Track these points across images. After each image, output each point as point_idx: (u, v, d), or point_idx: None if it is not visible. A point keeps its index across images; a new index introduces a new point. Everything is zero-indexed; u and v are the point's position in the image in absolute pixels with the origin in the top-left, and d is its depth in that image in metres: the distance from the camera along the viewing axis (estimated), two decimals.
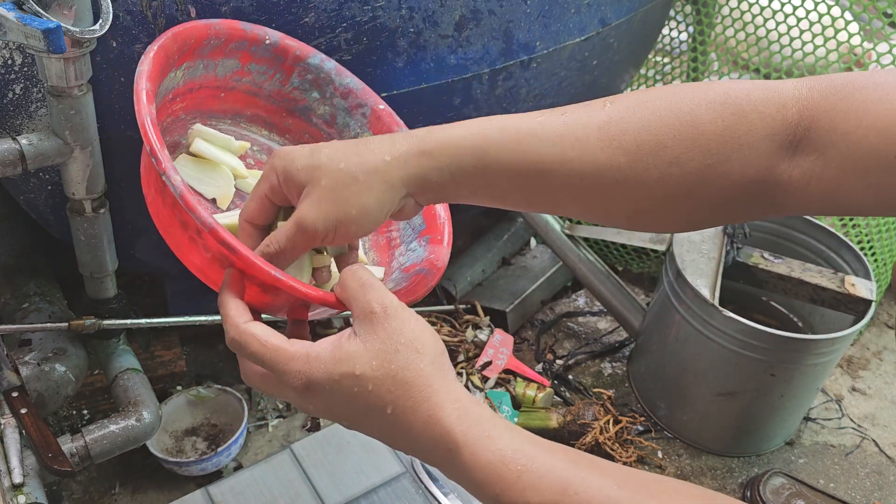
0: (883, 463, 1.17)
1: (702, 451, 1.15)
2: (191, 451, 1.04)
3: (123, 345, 0.99)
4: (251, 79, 0.73)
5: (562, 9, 0.97)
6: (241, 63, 0.72)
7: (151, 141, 0.55)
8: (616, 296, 1.24)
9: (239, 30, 0.70)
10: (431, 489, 0.98)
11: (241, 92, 0.74)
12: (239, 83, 0.73)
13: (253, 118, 0.76)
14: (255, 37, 0.71)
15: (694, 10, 1.38)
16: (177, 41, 0.64)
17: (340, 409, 0.51)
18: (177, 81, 0.67)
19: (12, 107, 0.79)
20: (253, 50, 0.71)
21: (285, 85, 0.75)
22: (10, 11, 0.66)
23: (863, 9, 1.20)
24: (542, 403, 1.15)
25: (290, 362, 0.51)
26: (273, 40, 0.72)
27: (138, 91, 0.57)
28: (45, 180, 0.86)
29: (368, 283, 0.52)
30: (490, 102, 0.99)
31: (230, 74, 0.72)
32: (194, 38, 0.66)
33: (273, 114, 0.77)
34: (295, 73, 0.74)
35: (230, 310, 0.54)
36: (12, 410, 0.82)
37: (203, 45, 0.67)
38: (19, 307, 0.94)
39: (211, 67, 0.70)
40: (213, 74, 0.71)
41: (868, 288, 1.07)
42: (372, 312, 0.50)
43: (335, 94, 0.76)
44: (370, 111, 0.76)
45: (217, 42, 0.68)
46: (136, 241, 0.94)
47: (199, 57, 0.68)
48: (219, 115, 0.75)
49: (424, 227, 0.70)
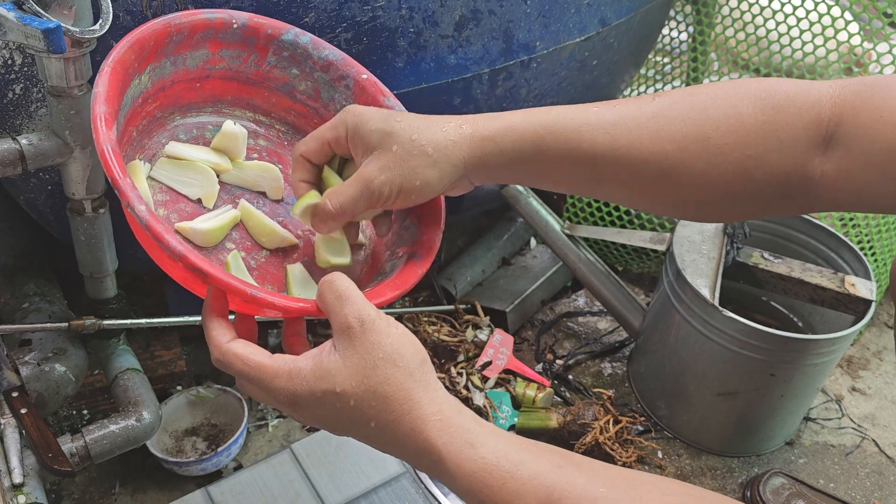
0: (883, 463, 1.17)
1: (702, 451, 1.15)
2: (191, 451, 1.04)
3: (123, 345, 0.99)
4: (225, 65, 0.71)
5: (562, 9, 0.97)
6: (211, 52, 0.69)
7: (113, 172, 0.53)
8: (616, 296, 1.24)
9: (202, 20, 0.67)
10: (431, 489, 0.98)
11: (217, 79, 0.72)
12: (213, 70, 0.71)
13: (234, 102, 0.74)
14: (220, 22, 0.68)
15: (694, 10, 1.38)
16: (134, 49, 0.62)
17: (326, 421, 0.52)
18: (143, 86, 0.66)
19: (12, 107, 0.79)
20: (221, 36, 0.69)
21: (262, 65, 0.72)
22: (10, 11, 0.66)
23: (863, 9, 1.20)
24: (542, 403, 1.15)
25: (273, 380, 0.52)
26: (241, 22, 0.69)
27: (94, 117, 0.55)
28: (45, 180, 0.86)
29: (345, 295, 0.52)
30: (490, 102, 0.99)
31: (201, 64, 0.70)
32: (154, 39, 0.64)
33: (254, 95, 0.75)
34: (270, 52, 0.72)
35: (212, 331, 0.55)
36: (12, 410, 0.82)
37: (165, 45, 0.65)
38: (19, 307, 0.94)
39: (179, 62, 0.68)
40: (184, 68, 0.69)
41: (868, 288, 1.07)
42: (349, 327, 0.50)
43: (315, 69, 0.73)
44: (353, 82, 0.74)
45: (180, 37, 0.66)
46: (136, 241, 0.94)
47: (164, 56, 0.66)
48: (198, 105, 0.73)
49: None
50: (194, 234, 0.65)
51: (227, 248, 0.67)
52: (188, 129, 0.73)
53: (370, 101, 0.73)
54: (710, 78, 1.43)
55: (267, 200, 0.73)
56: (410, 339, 0.52)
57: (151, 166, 0.69)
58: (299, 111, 0.76)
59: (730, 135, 0.57)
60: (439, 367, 1.19)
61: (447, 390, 1.13)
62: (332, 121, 0.64)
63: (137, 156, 0.68)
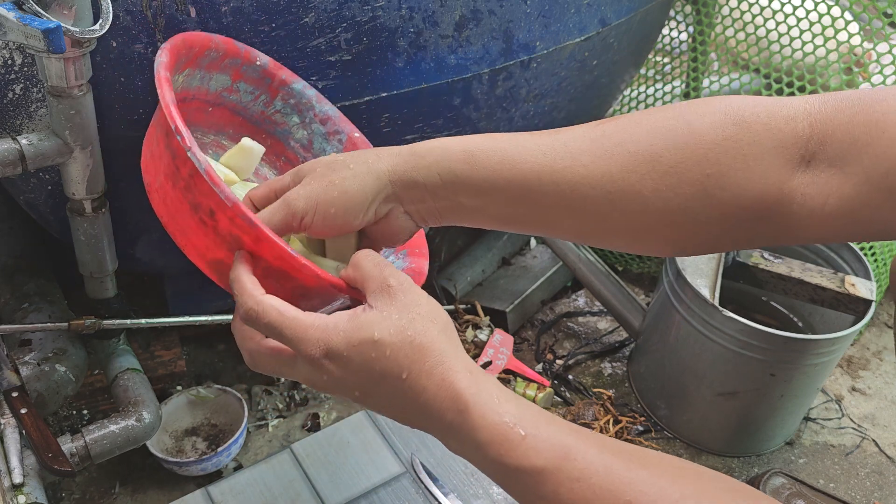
0: (883, 463, 1.17)
1: (702, 451, 1.15)
2: (191, 451, 1.04)
3: (123, 345, 0.99)
4: (238, 97, 0.76)
5: (562, 9, 0.97)
6: (232, 80, 0.74)
7: (176, 121, 0.55)
8: (616, 296, 1.24)
9: (234, 47, 0.72)
10: (432, 489, 0.98)
11: (227, 109, 0.76)
12: (227, 100, 0.76)
13: (234, 136, 0.78)
14: (247, 56, 0.74)
15: (694, 10, 1.38)
16: (185, 44, 0.67)
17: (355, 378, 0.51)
18: (176, 86, 0.68)
19: (12, 107, 0.79)
20: (244, 69, 0.74)
21: (269, 107, 0.77)
22: (10, 11, 0.66)
23: (863, 9, 1.20)
24: (542, 403, 1.15)
25: (308, 330, 0.51)
26: (263, 62, 0.75)
27: (159, 77, 0.59)
28: (45, 180, 0.86)
29: (384, 262, 0.53)
30: (490, 102, 0.99)
31: (220, 90, 0.75)
32: (198, 45, 0.69)
33: (254, 134, 0.79)
34: (279, 95, 0.77)
35: (246, 283, 0.53)
36: (12, 410, 0.82)
37: (204, 55, 0.70)
38: (19, 307, 0.94)
39: (206, 80, 0.72)
40: (206, 87, 0.73)
41: (868, 288, 1.07)
42: (389, 286, 0.51)
43: (314, 120, 0.79)
44: (346, 138, 0.79)
45: (216, 55, 0.71)
46: (136, 241, 0.94)
47: (199, 67, 0.70)
48: (203, 129, 0.76)
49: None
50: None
51: None
52: None
53: None
54: (710, 78, 1.43)
55: None
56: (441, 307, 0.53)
57: None
58: (289, 158, 0.80)
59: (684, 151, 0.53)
60: None
61: None
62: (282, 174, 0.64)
63: None
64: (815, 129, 0.52)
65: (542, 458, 0.47)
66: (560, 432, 0.48)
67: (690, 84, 1.40)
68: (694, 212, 0.54)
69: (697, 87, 1.40)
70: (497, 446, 0.48)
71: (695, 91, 1.40)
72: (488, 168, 0.56)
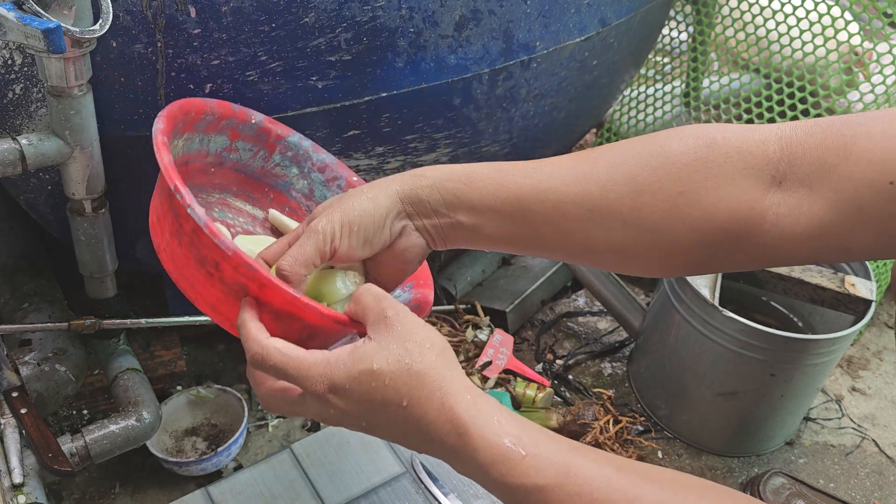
0: (883, 463, 1.17)
1: (702, 451, 1.15)
2: (191, 451, 1.04)
3: (123, 345, 0.99)
4: (238, 156, 0.79)
5: (562, 9, 0.97)
6: (230, 140, 0.77)
7: (175, 181, 0.58)
8: (616, 296, 1.24)
9: (230, 109, 0.76)
10: (431, 489, 0.98)
11: (227, 168, 0.79)
12: (227, 159, 0.79)
13: (238, 193, 0.81)
14: (243, 116, 0.77)
15: (694, 9, 1.38)
16: (182, 110, 0.69)
17: (359, 408, 0.53)
18: (177, 152, 0.71)
19: (12, 107, 0.79)
20: (241, 128, 0.77)
21: (268, 161, 0.81)
22: (10, 11, 0.67)
23: (863, 9, 1.20)
24: (542, 403, 1.15)
25: (311, 367, 0.53)
26: (258, 120, 0.78)
27: (157, 142, 0.62)
28: (45, 180, 0.86)
29: (383, 295, 0.56)
30: (490, 102, 0.99)
31: (220, 150, 0.78)
32: (195, 109, 0.71)
33: (255, 189, 0.82)
34: (277, 150, 0.81)
35: (251, 329, 0.56)
36: (12, 410, 0.83)
37: (201, 119, 0.73)
38: (19, 307, 0.94)
39: (205, 142, 0.76)
40: (206, 149, 0.76)
41: (868, 288, 1.07)
42: (386, 317, 0.54)
43: (313, 169, 0.82)
44: (345, 182, 0.82)
45: (212, 117, 0.74)
46: (136, 241, 0.94)
47: (197, 130, 0.74)
48: (208, 189, 0.79)
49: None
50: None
51: None
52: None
53: None
54: (710, 78, 1.43)
55: None
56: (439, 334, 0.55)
57: None
58: (293, 207, 0.83)
59: (658, 172, 0.56)
60: None
61: None
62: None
63: None
64: (785, 151, 0.54)
65: (542, 476, 0.48)
66: (561, 450, 0.49)
67: (690, 84, 1.40)
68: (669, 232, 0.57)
69: (697, 86, 1.40)
70: (499, 466, 0.49)
71: (695, 91, 1.40)
72: (483, 189, 0.61)
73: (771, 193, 0.55)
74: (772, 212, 0.55)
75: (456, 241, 0.64)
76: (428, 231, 0.63)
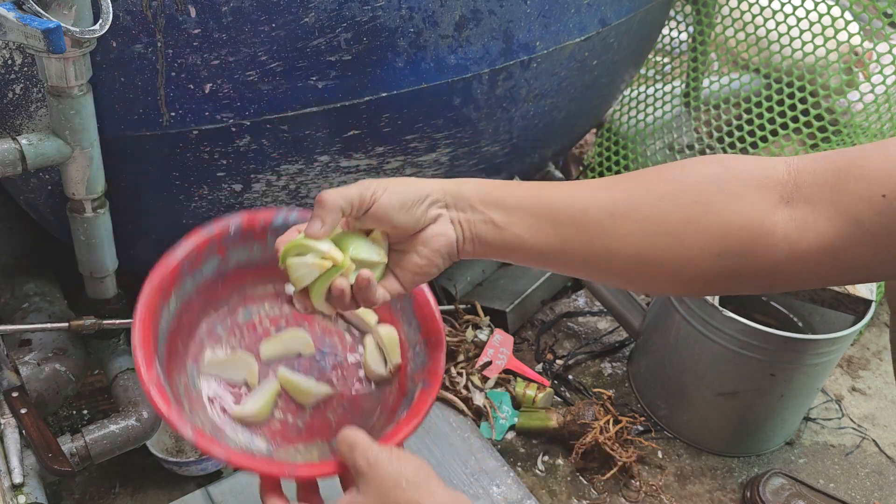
0: (883, 463, 1.17)
1: (702, 451, 1.15)
2: (191, 451, 1.04)
3: (123, 345, 0.99)
4: (236, 260, 0.78)
5: (562, 9, 0.97)
6: (221, 256, 0.76)
7: (163, 412, 0.63)
8: (616, 296, 1.24)
9: (203, 239, 0.74)
10: None
11: (234, 272, 0.78)
12: (228, 269, 0.78)
13: (255, 282, 0.81)
14: (220, 233, 0.75)
15: (694, 9, 1.38)
16: (154, 293, 0.70)
17: None
18: (174, 308, 0.73)
19: (12, 107, 0.79)
20: (224, 242, 0.76)
21: (266, 247, 0.79)
22: (10, 11, 0.67)
23: (863, 9, 1.20)
24: (542, 403, 1.15)
25: None
26: (236, 224, 0.75)
27: (137, 366, 0.65)
28: (45, 180, 0.86)
29: (353, 442, 0.63)
30: (490, 102, 0.99)
31: (216, 268, 0.77)
32: (168, 274, 0.71)
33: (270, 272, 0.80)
34: (269, 236, 0.77)
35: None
36: (12, 410, 0.83)
37: (179, 273, 0.72)
38: (19, 307, 0.94)
39: (198, 276, 0.75)
40: (202, 278, 0.76)
41: (868, 288, 1.07)
42: (360, 470, 0.62)
43: None
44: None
45: (189, 261, 0.73)
46: (136, 241, 0.94)
47: (182, 277, 0.73)
48: (226, 297, 0.80)
49: (421, 328, 0.77)
50: (246, 418, 0.74)
51: (275, 417, 0.76)
52: (222, 319, 0.79)
53: None
54: (710, 78, 1.43)
55: (303, 359, 0.79)
56: (411, 460, 0.62)
57: (198, 368, 0.76)
58: None
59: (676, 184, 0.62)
60: None
61: (446, 389, 1.14)
62: None
63: (187, 362, 0.75)
64: (792, 174, 0.59)
65: None
66: None
67: (690, 84, 1.40)
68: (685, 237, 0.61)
69: (697, 86, 1.40)
70: None
71: (695, 91, 1.40)
72: (519, 195, 0.65)
73: (780, 210, 0.59)
74: (780, 227, 0.58)
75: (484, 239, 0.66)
76: (461, 224, 0.66)
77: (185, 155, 0.85)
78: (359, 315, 0.81)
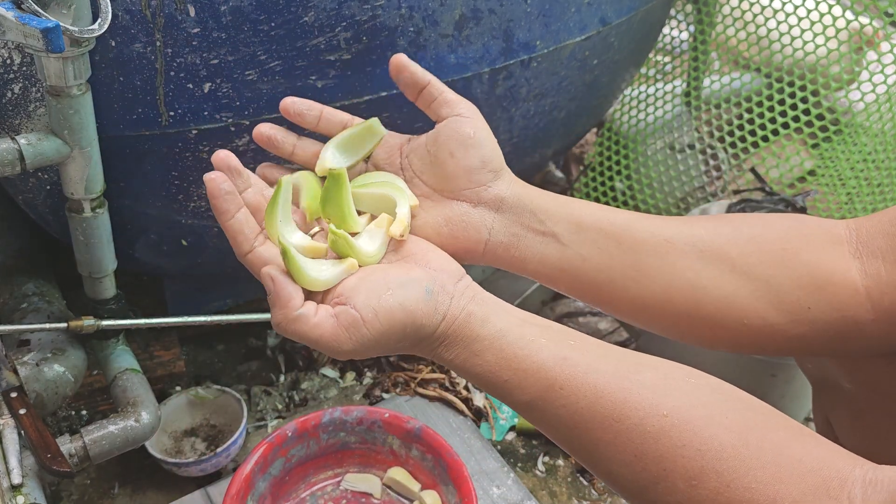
0: None
1: None
2: (190, 451, 1.04)
3: (122, 345, 0.98)
4: (295, 458, 0.95)
5: (562, 8, 0.97)
6: (283, 456, 0.93)
7: None
8: None
9: (267, 445, 0.91)
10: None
11: (297, 466, 0.95)
12: (292, 466, 0.95)
13: (316, 470, 0.98)
14: (279, 437, 0.92)
15: (695, 9, 1.38)
16: (233, 498, 0.85)
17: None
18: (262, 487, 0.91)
19: (11, 106, 0.79)
20: (285, 445, 0.93)
21: (320, 442, 0.96)
22: (9, 10, 0.66)
23: (864, 8, 1.20)
24: None
25: None
26: (292, 429, 0.94)
27: None
28: (44, 180, 0.86)
29: None
30: (490, 102, 0.99)
31: (282, 468, 0.94)
32: (242, 481, 0.87)
33: (327, 459, 0.98)
34: (320, 432, 0.96)
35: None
36: (11, 411, 0.82)
37: (251, 478, 0.89)
38: (18, 307, 0.94)
39: (268, 477, 0.92)
40: (271, 479, 0.92)
41: None
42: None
43: (354, 427, 0.96)
44: (382, 422, 0.96)
45: (259, 467, 0.90)
46: (135, 241, 0.94)
47: (255, 480, 0.89)
48: (293, 489, 0.96)
49: (457, 491, 0.90)
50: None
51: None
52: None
53: (397, 429, 0.96)
54: (711, 77, 1.42)
55: None
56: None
57: None
58: (359, 452, 0.99)
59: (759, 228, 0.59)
60: (439, 367, 1.18)
61: (446, 390, 1.13)
62: None
63: None
64: (852, 231, 0.58)
65: (546, 352, 0.54)
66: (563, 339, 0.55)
67: (691, 83, 1.40)
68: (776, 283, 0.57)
69: (698, 86, 1.39)
70: (501, 339, 0.57)
71: (696, 90, 1.39)
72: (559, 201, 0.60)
73: (853, 264, 0.57)
74: (860, 281, 0.56)
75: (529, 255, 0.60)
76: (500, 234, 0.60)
77: (185, 154, 0.84)
78: (401, 483, 0.95)
